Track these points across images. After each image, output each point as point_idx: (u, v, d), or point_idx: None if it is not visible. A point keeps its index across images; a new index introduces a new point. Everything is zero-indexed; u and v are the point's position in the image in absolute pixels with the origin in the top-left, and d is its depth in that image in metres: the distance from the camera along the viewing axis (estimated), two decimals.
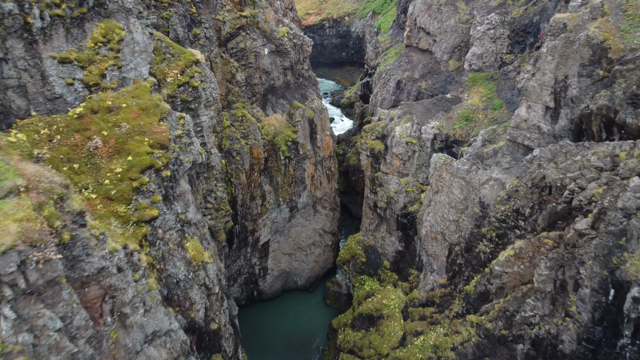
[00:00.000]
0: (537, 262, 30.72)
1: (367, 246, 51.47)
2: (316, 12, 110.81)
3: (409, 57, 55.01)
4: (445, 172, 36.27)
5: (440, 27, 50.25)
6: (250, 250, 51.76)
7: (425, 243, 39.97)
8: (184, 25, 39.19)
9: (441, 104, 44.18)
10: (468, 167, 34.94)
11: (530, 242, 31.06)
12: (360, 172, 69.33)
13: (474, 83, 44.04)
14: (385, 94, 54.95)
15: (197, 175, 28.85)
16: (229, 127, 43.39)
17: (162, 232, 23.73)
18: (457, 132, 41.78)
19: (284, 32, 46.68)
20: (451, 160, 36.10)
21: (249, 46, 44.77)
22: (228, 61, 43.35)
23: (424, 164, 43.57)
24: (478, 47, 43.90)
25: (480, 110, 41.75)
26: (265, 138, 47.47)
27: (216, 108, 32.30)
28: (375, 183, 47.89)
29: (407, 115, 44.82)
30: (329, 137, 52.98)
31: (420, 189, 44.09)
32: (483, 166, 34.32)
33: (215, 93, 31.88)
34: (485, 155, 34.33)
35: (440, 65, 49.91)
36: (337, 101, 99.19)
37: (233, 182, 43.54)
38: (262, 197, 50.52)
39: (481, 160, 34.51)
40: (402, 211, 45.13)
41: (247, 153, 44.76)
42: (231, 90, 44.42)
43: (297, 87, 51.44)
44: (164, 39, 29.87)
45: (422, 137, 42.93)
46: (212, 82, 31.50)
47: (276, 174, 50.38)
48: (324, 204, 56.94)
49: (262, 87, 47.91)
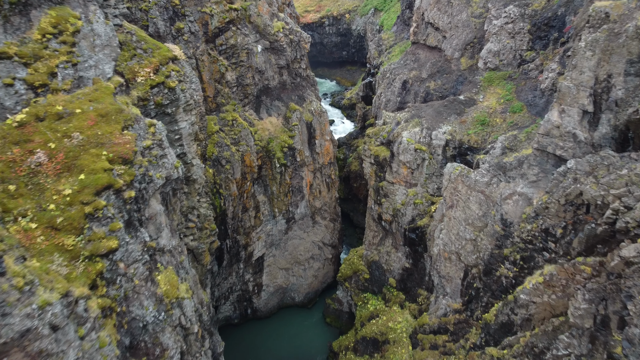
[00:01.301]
0: (572, 293, 26.35)
1: (370, 261, 47.12)
2: (315, 9, 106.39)
3: (416, 55, 50.64)
4: (462, 184, 31.90)
5: (451, 21, 45.87)
6: (243, 265, 47.39)
7: (437, 263, 35.59)
8: (166, 18, 34.83)
9: (453, 107, 39.79)
10: (488, 179, 30.57)
11: (562, 269, 26.69)
12: (362, 178, 65.01)
13: (490, 83, 39.66)
14: (390, 95, 50.56)
15: (173, 192, 24.46)
16: (217, 132, 39.01)
17: (124, 266, 19.36)
18: (472, 137, 37.41)
19: (279, 27, 42.29)
20: (468, 172, 31.73)
21: (240, 42, 40.38)
22: (216, 59, 38.96)
23: (435, 173, 39.19)
24: (494, 43, 39.52)
25: (498, 114, 37.37)
26: (259, 144, 43.08)
27: (198, 112, 27.93)
28: (379, 193, 43.51)
29: (416, 119, 40.44)
30: (328, 142, 48.60)
31: (430, 200, 39.71)
32: (505, 178, 29.94)
33: (197, 95, 27.50)
34: (508, 166, 29.95)
35: (451, 63, 45.53)
36: (338, 102, 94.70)
37: (222, 193, 39.15)
38: (256, 208, 46.16)
39: (503, 171, 30.14)
40: (410, 225, 40.75)
41: (238, 161, 40.39)
42: (220, 92, 40.04)
43: (294, 88, 47.05)
44: (135, 32, 25.49)
45: (432, 144, 38.56)
46: (193, 82, 27.12)
47: (271, 183, 46.00)
48: (323, 215, 52.55)
49: (255, 87, 43.53)
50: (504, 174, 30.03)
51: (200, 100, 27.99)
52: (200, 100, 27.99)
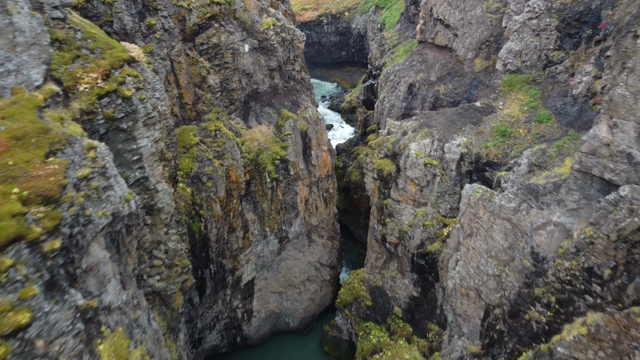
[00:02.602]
0: (625, 351, 21.29)
1: (373, 287, 42.06)
2: (313, 7, 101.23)
3: (423, 56, 45.55)
4: (483, 210, 26.79)
5: (463, 18, 40.78)
6: (231, 291, 42.28)
7: (452, 299, 30.51)
8: (134, 12, 29.71)
9: (469, 115, 34.70)
10: (516, 204, 25.47)
11: (613, 319, 21.57)
12: (363, 189, 59.95)
13: (511, 88, 34.55)
14: (395, 99, 45.49)
15: (127, 230, 19.34)
16: (197, 144, 33.91)
17: (43, 344, 14.26)
18: (491, 151, 32.31)
19: (269, 24, 37.17)
20: (491, 195, 26.61)
21: (224, 41, 35.25)
22: (196, 60, 33.84)
23: (448, 191, 34.09)
24: (515, 42, 34.42)
25: (521, 124, 32.27)
26: (247, 156, 37.97)
27: (165, 126, 22.80)
28: (383, 212, 38.41)
29: (425, 128, 35.32)
30: (326, 153, 43.49)
31: (442, 222, 34.61)
32: (538, 205, 24.84)
33: (162, 105, 22.39)
34: (541, 190, 24.84)
35: (464, 65, 40.44)
36: (337, 105, 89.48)
37: (203, 215, 34.02)
38: (244, 228, 41.04)
39: (535, 196, 25.03)
40: (419, 250, 35.66)
41: (222, 177, 35.26)
42: (201, 98, 34.92)
43: (287, 93, 41.94)
44: (82, 28, 20.35)
45: (445, 158, 33.46)
46: (156, 89, 22.02)
47: (261, 199, 40.89)
48: (320, 232, 47.44)
49: (243, 92, 38.41)
50: (536, 199, 24.93)
51: (167, 112, 22.84)
52: (167, 112, 22.84)
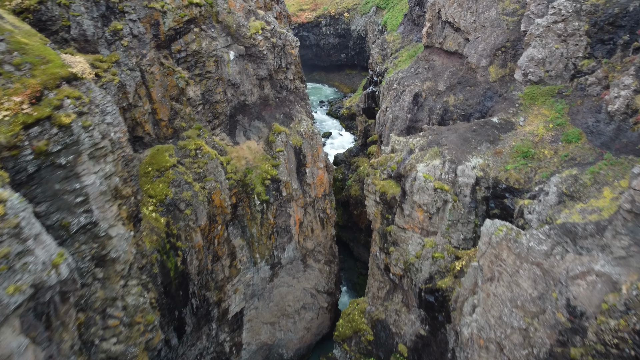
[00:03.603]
0: None
1: (375, 320, 37.81)
2: (311, 7, 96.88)
3: (430, 62, 41.26)
4: (508, 251, 22.49)
5: (476, 20, 36.49)
6: (217, 325, 38.00)
7: (468, 349, 26.22)
8: (96, 16, 25.41)
9: (484, 132, 30.40)
10: (548, 247, 21.17)
11: None
12: (363, 204, 55.69)
13: (533, 101, 30.26)
14: (398, 110, 41.19)
15: (62, 298, 15.04)
16: (174, 167, 29.62)
17: None
18: (512, 175, 28.02)
19: (257, 28, 32.86)
20: (518, 234, 22.28)
21: (206, 48, 30.96)
22: (173, 70, 29.55)
23: (461, 219, 29.81)
24: (538, 48, 30.11)
25: (546, 143, 27.98)
26: (233, 177, 33.68)
27: (120, 157, 18.49)
28: (387, 240, 34.12)
29: (434, 147, 31.03)
30: (322, 170, 39.19)
31: (454, 254, 30.33)
32: (575, 249, 20.55)
33: (116, 131, 18.15)
34: (580, 232, 20.53)
35: (476, 73, 36.14)
36: (336, 111, 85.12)
37: (181, 247, 29.73)
38: (231, 256, 36.76)
39: (572, 238, 20.73)
40: (427, 285, 31.39)
41: (204, 202, 30.96)
42: (179, 113, 30.62)
43: (279, 104, 37.64)
44: (8, 37, 16.06)
45: (457, 182, 29.16)
46: (107, 112, 17.76)
47: (250, 223, 36.59)
48: (316, 257, 43.16)
49: (228, 105, 34.12)
50: (573, 242, 20.63)
51: (124, 139, 18.53)
52: (124, 139, 18.53)
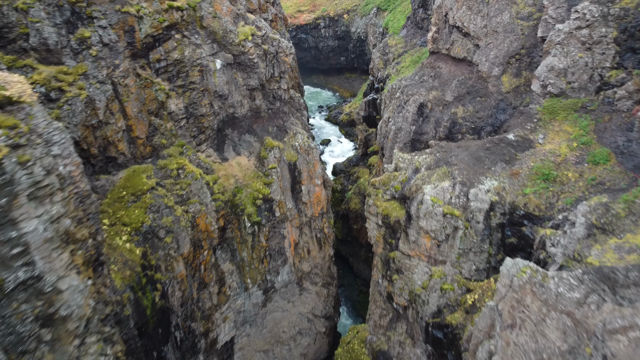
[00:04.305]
0: None
1: (376, 351, 34.71)
2: (309, 9, 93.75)
3: (436, 69, 38.15)
4: (533, 296, 19.37)
5: (487, 25, 33.38)
6: (204, 357, 34.84)
7: None
8: (59, 22, 22.32)
9: (499, 151, 27.28)
10: (581, 295, 18.05)
11: None
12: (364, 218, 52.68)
13: (553, 116, 27.15)
14: (402, 121, 38.07)
15: None
16: (152, 190, 26.51)
17: None
18: (531, 200, 24.89)
19: (246, 34, 29.75)
20: (544, 277, 19.13)
21: (189, 56, 27.87)
22: (151, 82, 26.43)
23: (473, 248, 26.69)
24: (559, 57, 27.00)
25: (570, 165, 24.85)
26: (220, 198, 30.58)
27: (72, 195, 15.38)
28: (390, 267, 31.02)
29: (443, 167, 27.92)
30: (319, 187, 36.07)
31: (465, 286, 27.22)
32: (614, 298, 17.43)
33: (66, 164, 15.05)
34: (621, 279, 17.40)
35: (488, 82, 33.03)
36: (335, 117, 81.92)
37: (160, 279, 26.61)
38: (220, 282, 33.67)
39: (610, 286, 17.61)
40: (435, 319, 28.28)
41: (187, 228, 27.85)
42: (159, 129, 27.50)
43: (272, 116, 34.54)
44: None
45: (469, 207, 26.04)
46: (54, 142, 14.72)
47: (240, 247, 33.49)
48: (313, 279, 40.05)
49: (215, 118, 31.02)
50: (612, 291, 17.52)
51: (77, 172, 15.43)
52: (77, 172, 15.43)
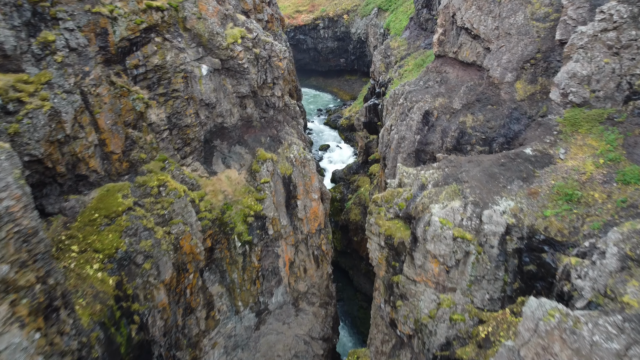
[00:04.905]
0: None
1: None
2: (308, 9, 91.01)
3: (443, 74, 35.46)
4: (562, 344, 16.66)
5: (499, 27, 30.70)
6: None
7: None
8: (18, 24, 19.62)
9: (515, 167, 24.57)
10: (621, 346, 15.33)
11: None
12: (364, 230, 50.05)
13: (575, 128, 24.44)
14: (405, 130, 35.38)
15: None
16: (130, 210, 23.81)
17: None
18: (553, 223, 22.18)
19: (235, 37, 27.06)
20: (576, 322, 16.43)
21: (171, 62, 25.17)
22: (128, 90, 23.72)
23: (486, 276, 23.97)
24: (581, 62, 24.30)
25: (597, 184, 22.15)
26: (207, 216, 27.88)
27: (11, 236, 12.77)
28: (393, 292, 28.31)
29: (453, 184, 25.20)
30: (316, 202, 33.37)
31: (477, 317, 24.50)
32: None
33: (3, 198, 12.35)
34: None
35: (500, 89, 30.33)
36: (334, 121, 79.12)
37: (138, 310, 23.89)
38: (208, 306, 30.97)
39: None
40: (444, 352, 25.56)
41: (169, 252, 25.13)
42: (137, 142, 24.79)
43: (265, 126, 31.84)
44: None
45: (483, 230, 23.32)
46: None
47: (229, 268, 30.79)
48: (310, 299, 37.34)
49: (202, 129, 28.33)
50: None
51: (18, 208, 12.86)
52: (18, 208, 12.86)
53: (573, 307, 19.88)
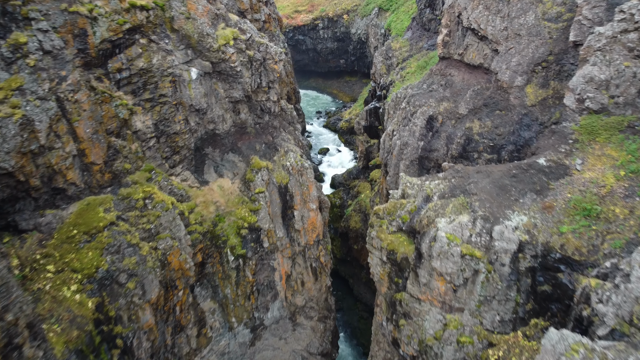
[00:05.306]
0: None
1: None
2: (307, 9, 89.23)
3: (447, 77, 33.73)
4: None
5: (508, 27, 28.96)
6: None
7: None
8: None
9: (528, 178, 22.82)
10: None
11: None
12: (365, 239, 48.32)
13: (592, 137, 22.70)
14: (408, 136, 33.64)
15: None
16: (112, 225, 22.07)
17: None
18: (570, 241, 20.43)
19: (227, 39, 25.32)
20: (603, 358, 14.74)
21: (158, 65, 23.43)
22: (110, 96, 21.98)
23: (497, 296, 22.23)
24: (599, 66, 22.56)
25: (618, 198, 20.40)
26: (197, 229, 26.15)
27: None
28: (396, 310, 26.57)
29: (460, 196, 23.45)
30: (315, 211, 31.64)
31: (487, 340, 22.74)
32: None
33: None
34: None
35: (509, 94, 28.59)
36: (334, 124, 77.31)
37: (121, 333, 22.14)
38: (199, 323, 29.23)
39: None
40: None
41: (155, 269, 23.40)
42: (121, 151, 23.06)
43: (260, 132, 30.12)
44: None
45: (493, 247, 21.58)
46: None
47: (222, 283, 29.05)
48: (308, 313, 35.59)
49: (192, 136, 26.59)
50: None
51: None
52: None
53: (594, 335, 18.15)
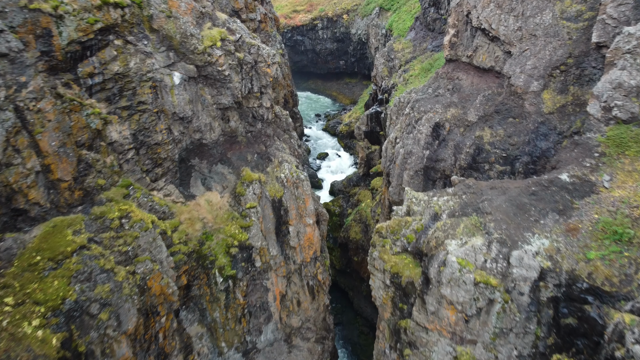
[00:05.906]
0: None
1: None
2: (306, 8, 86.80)
3: (455, 81, 31.32)
4: None
5: (522, 27, 26.55)
6: None
7: None
8: None
9: (549, 197, 20.40)
10: None
11: None
12: (365, 250, 45.93)
13: (621, 149, 20.28)
14: (412, 144, 31.23)
15: None
16: (82, 249, 19.66)
17: None
18: (599, 269, 18.01)
19: (214, 40, 22.90)
20: None
21: (136, 69, 21.02)
22: (80, 104, 19.57)
23: (514, 328, 19.80)
24: (629, 70, 20.16)
25: None
26: (182, 250, 23.73)
27: None
28: (400, 338, 24.14)
29: (473, 216, 21.03)
30: (312, 227, 29.21)
31: None
32: None
33: None
34: None
35: (523, 100, 26.17)
36: (333, 127, 74.83)
37: None
38: (186, 349, 26.80)
39: None
40: None
41: (132, 296, 20.98)
42: (94, 165, 20.64)
43: (252, 141, 27.68)
44: None
45: (511, 274, 19.16)
46: None
47: (210, 306, 26.62)
48: (305, 334, 33.16)
49: (176, 147, 24.17)
50: None
51: None
52: None
53: None
